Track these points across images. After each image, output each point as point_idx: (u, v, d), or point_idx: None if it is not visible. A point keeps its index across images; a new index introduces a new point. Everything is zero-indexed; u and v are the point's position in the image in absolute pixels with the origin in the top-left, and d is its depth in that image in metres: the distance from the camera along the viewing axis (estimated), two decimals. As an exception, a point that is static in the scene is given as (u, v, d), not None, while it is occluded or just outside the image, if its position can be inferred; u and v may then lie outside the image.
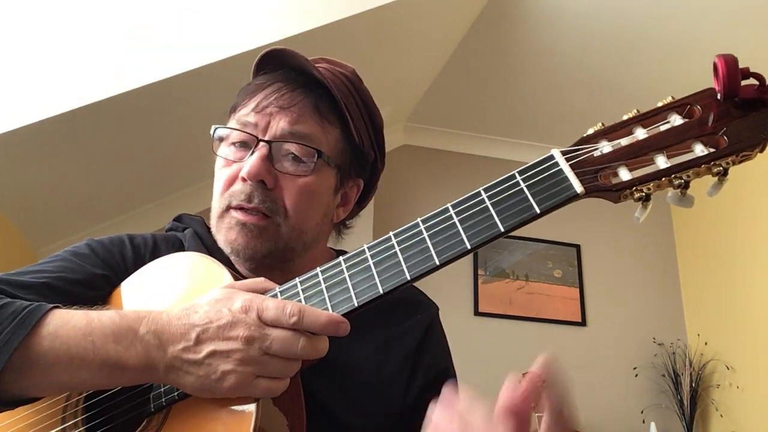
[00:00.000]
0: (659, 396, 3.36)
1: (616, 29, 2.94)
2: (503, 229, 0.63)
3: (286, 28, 2.27)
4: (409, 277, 0.66)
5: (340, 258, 0.70)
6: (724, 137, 0.56)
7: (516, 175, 0.65)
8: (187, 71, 2.17)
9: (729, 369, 3.19)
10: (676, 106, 0.61)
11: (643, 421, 3.27)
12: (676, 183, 0.58)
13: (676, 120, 0.60)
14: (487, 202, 0.65)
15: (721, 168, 0.56)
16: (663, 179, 0.58)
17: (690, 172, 0.57)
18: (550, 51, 3.13)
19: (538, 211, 0.62)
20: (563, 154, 0.63)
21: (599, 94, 3.37)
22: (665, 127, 0.61)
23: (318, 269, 0.70)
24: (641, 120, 0.62)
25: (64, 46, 2.07)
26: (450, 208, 0.67)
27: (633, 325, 3.55)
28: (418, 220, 0.68)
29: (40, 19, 2.07)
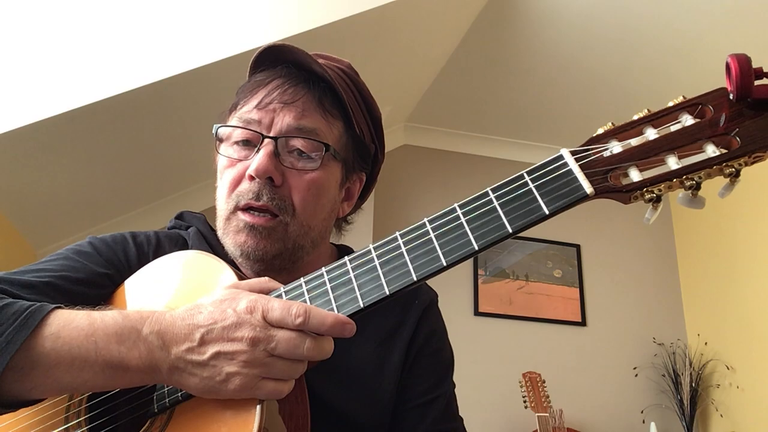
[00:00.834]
0: (659, 396, 3.36)
1: (617, 29, 2.93)
2: (511, 230, 0.63)
3: (286, 28, 2.27)
4: (415, 278, 0.65)
5: (346, 258, 0.69)
6: (737, 138, 0.56)
7: (524, 175, 0.64)
8: (187, 71, 2.16)
9: (729, 369, 3.19)
10: (688, 106, 0.60)
11: (643, 421, 3.27)
12: (687, 184, 0.57)
13: (688, 120, 0.60)
14: (495, 203, 0.64)
15: (733, 169, 0.56)
16: (674, 180, 0.58)
17: (702, 173, 0.57)
18: (550, 51, 3.13)
19: (547, 212, 0.61)
20: (573, 154, 0.62)
21: (599, 94, 3.37)
22: (676, 128, 0.60)
23: (323, 269, 0.69)
24: (652, 120, 0.62)
25: (64, 46, 2.06)
26: (457, 208, 0.66)
27: (633, 325, 3.55)
28: (425, 220, 0.67)
29: (40, 19, 2.06)
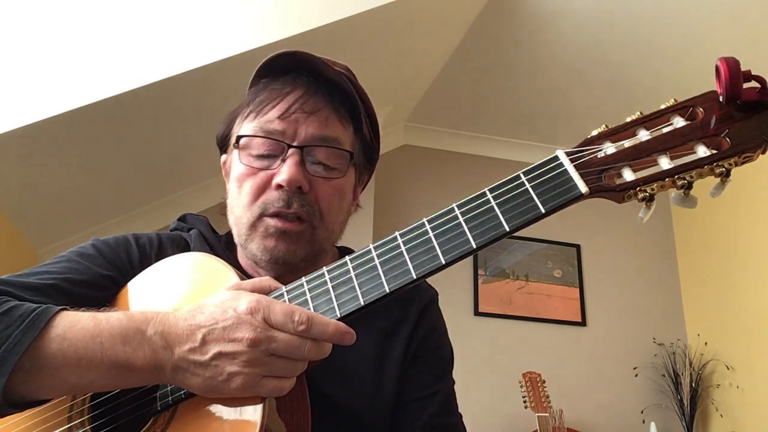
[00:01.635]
0: (659, 396, 3.37)
1: (616, 30, 2.94)
2: (509, 228, 0.64)
3: (286, 28, 2.28)
4: (415, 276, 0.66)
5: (347, 258, 0.70)
6: (727, 139, 0.57)
7: (521, 175, 0.66)
8: (187, 71, 2.17)
9: (729, 369, 3.20)
10: (679, 109, 0.62)
11: (643, 421, 3.27)
12: (679, 184, 0.59)
13: (679, 122, 0.61)
14: (493, 202, 0.65)
15: (723, 169, 0.57)
16: (666, 180, 0.59)
17: (693, 172, 0.58)
18: (550, 51, 3.14)
19: (543, 211, 0.63)
20: (568, 154, 0.64)
21: (599, 94, 3.38)
22: (668, 129, 0.61)
23: (324, 269, 0.71)
24: (644, 122, 0.63)
25: (64, 46, 2.07)
26: (455, 208, 0.67)
27: (633, 325, 3.55)
28: (424, 219, 0.68)
29: (40, 19, 2.07)
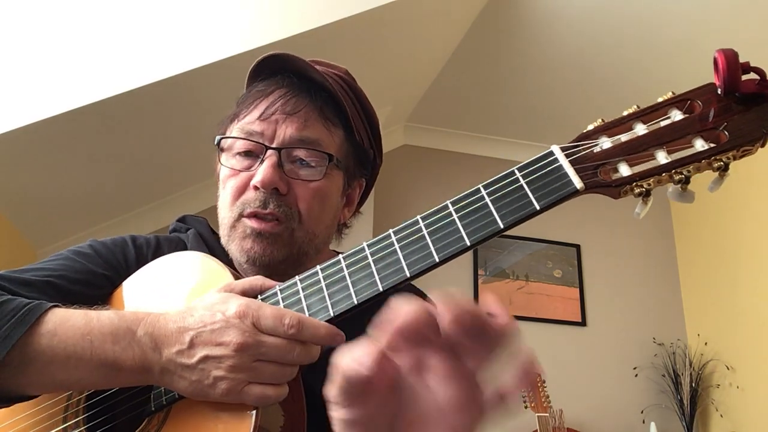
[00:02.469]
0: (659, 396, 3.36)
1: (617, 30, 2.94)
2: (503, 225, 0.63)
3: (286, 29, 2.27)
4: (408, 274, 0.65)
5: (340, 256, 0.69)
6: (725, 132, 0.56)
7: (515, 171, 0.64)
8: (187, 71, 2.17)
9: (729, 369, 3.19)
10: (677, 102, 0.61)
11: (643, 421, 3.26)
12: (676, 178, 0.58)
13: (677, 115, 0.60)
14: (487, 199, 0.64)
15: (722, 163, 0.56)
16: (663, 174, 0.58)
17: (690, 167, 0.57)
18: (550, 51, 3.13)
19: (537, 207, 0.62)
20: (563, 150, 0.63)
21: (599, 94, 3.37)
22: (665, 123, 0.60)
23: (318, 267, 0.70)
24: (641, 116, 0.62)
25: (63, 46, 2.07)
26: (449, 205, 0.66)
27: (633, 325, 3.54)
28: (418, 217, 0.67)
29: (40, 19, 2.07)
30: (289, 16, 2.31)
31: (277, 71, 0.87)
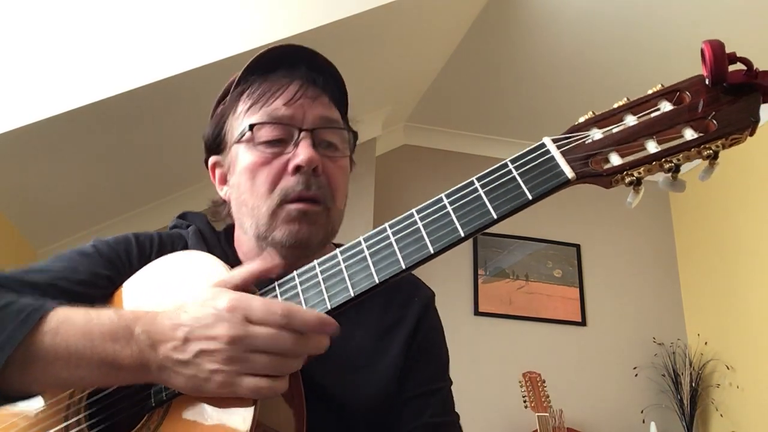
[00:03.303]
0: (659, 396, 3.36)
1: (617, 30, 2.94)
2: (496, 216, 0.64)
3: (287, 28, 2.28)
4: (404, 266, 0.66)
5: (337, 250, 0.71)
6: (714, 121, 0.57)
7: (508, 163, 0.66)
8: (187, 71, 2.17)
9: (729, 369, 3.19)
10: (666, 93, 0.62)
11: (643, 421, 3.26)
12: (666, 167, 0.59)
13: (666, 106, 0.61)
14: (480, 191, 0.65)
15: (711, 151, 0.57)
16: (654, 163, 0.59)
17: (680, 155, 0.58)
18: (549, 51, 3.14)
19: (530, 197, 0.63)
20: (554, 141, 0.64)
21: (599, 94, 3.37)
22: (655, 114, 0.61)
23: (315, 262, 0.71)
24: (631, 107, 0.63)
25: (63, 46, 2.08)
26: (444, 197, 0.67)
27: (633, 325, 3.55)
28: (413, 210, 0.69)
29: (40, 19, 2.08)
30: (289, 16, 2.31)
31: (280, 63, 0.90)
